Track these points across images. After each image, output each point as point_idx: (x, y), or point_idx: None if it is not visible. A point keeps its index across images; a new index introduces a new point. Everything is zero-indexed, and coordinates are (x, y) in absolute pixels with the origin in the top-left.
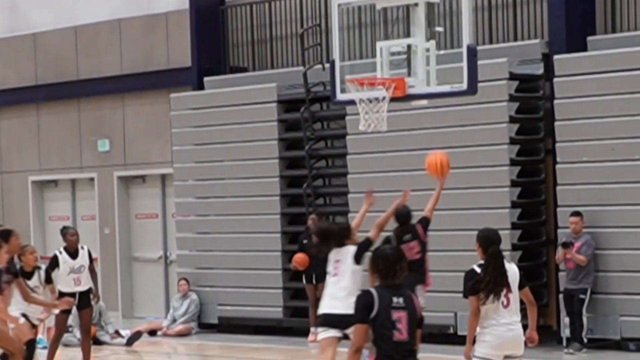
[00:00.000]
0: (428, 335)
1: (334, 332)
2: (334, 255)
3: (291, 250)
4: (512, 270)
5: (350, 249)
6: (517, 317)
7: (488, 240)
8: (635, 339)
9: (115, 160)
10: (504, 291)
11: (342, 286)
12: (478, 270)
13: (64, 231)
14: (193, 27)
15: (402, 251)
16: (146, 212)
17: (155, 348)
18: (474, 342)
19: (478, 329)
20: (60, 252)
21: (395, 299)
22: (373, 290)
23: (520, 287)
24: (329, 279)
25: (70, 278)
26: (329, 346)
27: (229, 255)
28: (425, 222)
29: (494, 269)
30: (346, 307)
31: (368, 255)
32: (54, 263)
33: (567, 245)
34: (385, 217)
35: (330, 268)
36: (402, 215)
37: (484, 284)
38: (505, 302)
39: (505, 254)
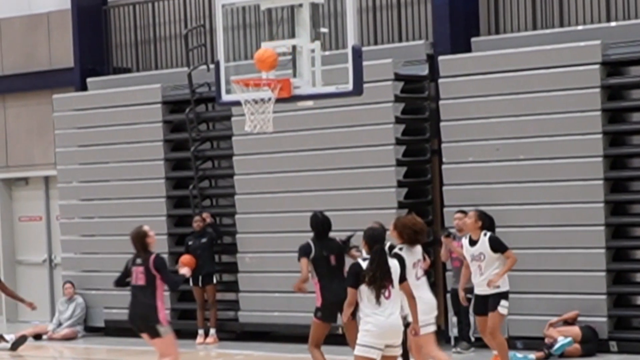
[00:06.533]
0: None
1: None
2: None
3: (178, 252)
4: (394, 266)
5: None
6: (397, 309)
7: (373, 239)
8: (523, 337)
9: None
10: (387, 284)
11: None
12: (363, 264)
13: None
14: (75, 27)
15: None
16: (30, 215)
17: (40, 352)
18: None
19: (361, 319)
20: None
21: None
22: None
23: (401, 281)
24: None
25: None
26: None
27: (115, 258)
28: None
29: (378, 264)
30: None
31: None
32: None
33: (448, 234)
34: None
35: None
36: None
37: (369, 278)
38: (387, 294)
39: None
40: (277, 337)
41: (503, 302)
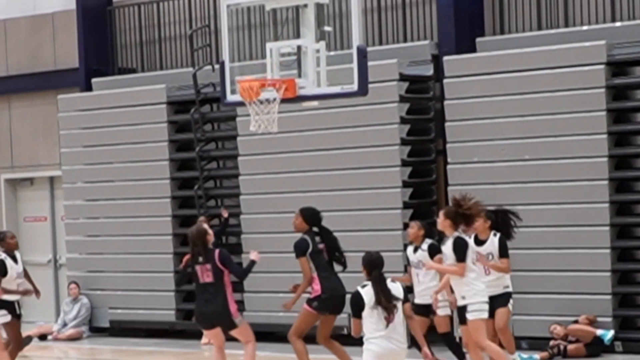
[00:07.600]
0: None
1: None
2: None
3: (183, 252)
4: (397, 289)
5: None
6: (402, 331)
7: (371, 264)
8: (527, 337)
9: (2, 162)
10: (392, 307)
11: None
12: (362, 291)
13: (2, 235)
14: (80, 27)
15: None
16: (35, 215)
17: (45, 353)
18: None
19: (364, 342)
20: (5, 257)
21: None
22: None
23: (403, 302)
24: None
25: (15, 284)
26: None
27: (120, 258)
28: None
29: (381, 288)
30: None
31: None
32: (3, 269)
33: None
34: None
35: None
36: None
37: (376, 299)
38: (389, 317)
39: (397, 255)
40: (282, 337)
41: (510, 300)
